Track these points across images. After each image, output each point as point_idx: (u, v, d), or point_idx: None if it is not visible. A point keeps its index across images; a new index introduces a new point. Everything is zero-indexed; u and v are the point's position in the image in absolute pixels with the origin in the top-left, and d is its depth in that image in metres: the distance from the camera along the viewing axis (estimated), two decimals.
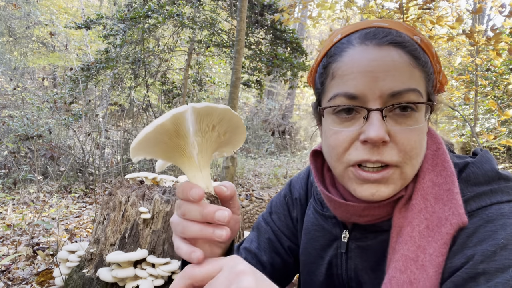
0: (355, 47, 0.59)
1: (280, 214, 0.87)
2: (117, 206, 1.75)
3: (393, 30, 0.59)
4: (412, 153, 0.57)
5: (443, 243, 0.54)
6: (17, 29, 10.44)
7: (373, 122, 0.55)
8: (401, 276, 0.55)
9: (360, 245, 0.68)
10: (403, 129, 0.56)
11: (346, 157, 0.59)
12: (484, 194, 0.57)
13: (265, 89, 12.37)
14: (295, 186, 0.87)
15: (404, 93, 0.55)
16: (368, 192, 0.58)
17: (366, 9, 4.50)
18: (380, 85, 0.55)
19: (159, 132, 0.45)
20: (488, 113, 8.19)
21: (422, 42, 0.61)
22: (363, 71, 0.56)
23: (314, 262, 0.76)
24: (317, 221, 0.77)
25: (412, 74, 0.56)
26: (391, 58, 0.56)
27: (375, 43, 0.57)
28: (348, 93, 0.57)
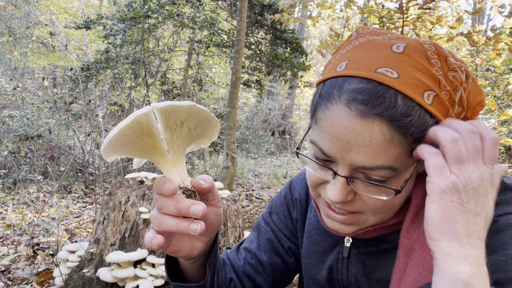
0: (339, 106, 0.53)
1: (280, 215, 0.87)
2: (117, 206, 1.75)
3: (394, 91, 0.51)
4: (377, 211, 0.57)
5: None
6: (17, 29, 10.44)
7: (336, 185, 0.56)
8: None
9: (362, 251, 0.68)
10: (371, 197, 0.55)
11: (317, 190, 0.62)
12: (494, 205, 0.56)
13: (265, 89, 12.37)
14: (295, 187, 0.87)
15: (375, 169, 0.53)
16: (332, 227, 0.62)
17: (366, 9, 4.50)
18: (352, 157, 0.53)
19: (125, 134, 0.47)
20: (488, 113, 8.19)
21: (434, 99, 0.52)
22: (338, 138, 0.53)
23: (315, 265, 0.76)
24: (319, 225, 0.77)
25: (390, 153, 0.52)
26: (370, 134, 0.51)
27: (359, 112, 0.51)
28: (322, 150, 0.57)
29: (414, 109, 0.51)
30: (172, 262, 0.67)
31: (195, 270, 0.66)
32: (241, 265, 0.83)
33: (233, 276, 0.80)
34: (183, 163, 0.53)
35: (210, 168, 8.16)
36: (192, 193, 0.53)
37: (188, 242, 0.59)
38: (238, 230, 1.92)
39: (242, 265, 0.83)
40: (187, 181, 0.53)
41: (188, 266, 0.65)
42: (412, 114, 0.51)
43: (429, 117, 0.52)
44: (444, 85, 0.53)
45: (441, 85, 0.53)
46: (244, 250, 0.86)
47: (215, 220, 0.60)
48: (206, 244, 0.62)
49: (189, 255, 0.60)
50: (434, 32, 4.27)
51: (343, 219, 0.59)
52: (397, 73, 0.52)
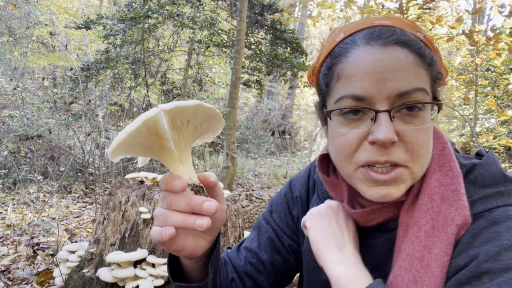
0: (360, 47, 0.58)
1: (280, 213, 0.87)
2: (117, 206, 1.75)
3: (397, 28, 0.59)
4: (420, 152, 0.57)
5: (448, 243, 0.55)
6: (17, 29, 10.44)
7: (381, 123, 0.55)
8: (406, 274, 0.56)
9: (366, 244, 0.68)
10: (411, 128, 0.56)
11: (355, 158, 0.59)
12: (491, 196, 0.57)
13: (265, 89, 12.37)
14: (295, 185, 0.88)
15: (411, 93, 0.55)
16: (378, 195, 0.58)
17: (366, 9, 4.50)
18: (387, 86, 0.55)
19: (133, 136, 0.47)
20: (488, 113, 8.19)
21: (425, 38, 0.60)
22: (370, 72, 0.56)
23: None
24: None
25: (418, 73, 0.56)
26: (397, 58, 0.55)
27: (381, 43, 0.57)
28: (355, 95, 0.57)
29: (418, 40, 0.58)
30: (175, 262, 0.66)
31: (197, 270, 0.65)
32: (242, 264, 0.83)
33: (234, 276, 0.80)
34: (189, 160, 0.53)
35: (210, 168, 8.17)
36: (200, 189, 0.53)
37: (192, 240, 0.58)
38: (238, 230, 1.92)
39: (243, 264, 0.83)
40: (195, 177, 0.53)
41: (191, 266, 0.65)
42: (420, 43, 0.58)
43: (428, 50, 0.59)
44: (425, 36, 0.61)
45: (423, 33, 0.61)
46: (245, 250, 0.86)
47: (220, 216, 0.59)
48: (209, 243, 0.61)
49: (193, 254, 0.59)
50: (434, 32, 4.27)
51: (390, 178, 0.57)
52: (391, 21, 0.61)
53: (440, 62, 0.64)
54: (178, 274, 0.68)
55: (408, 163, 0.57)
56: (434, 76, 0.59)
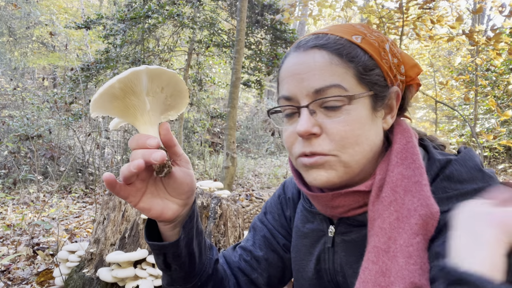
0: (290, 55, 0.67)
1: (274, 214, 0.90)
2: (117, 206, 1.75)
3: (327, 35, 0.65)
4: (343, 142, 0.61)
5: (412, 233, 0.56)
6: (17, 29, 10.44)
7: (301, 117, 0.62)
8: (374, 266, 0.57)
9: (345, 239, 0.70)
10: (332, 121, 0.61)
11: (293, 150, 0.66)
12: (468, 193, 0.58)
13: (265, 89, 12.37)
14: (288, 186, 0.91)
15: (325, 89, 0.61)
16: (311, 177, 0.64)
17: (366, 9, 4.50)
18: (305, 85, 0.62)
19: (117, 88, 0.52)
20: (488, 113, 8.19)
21: (363, 40, 0.65)
22: (292, 74, 0.64)
23: (303, 258, 0.78)
24: (306, 218, 0.80)
25: (333, 71, 0.61)
26: (313, 59, 0.62)
27: (303, 49, 0.64)
28: (284, 95, 0.65)
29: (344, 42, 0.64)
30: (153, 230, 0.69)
31: (172, 235, 0.67)
32: (236, 261, 0.85)
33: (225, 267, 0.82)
34: (157, 126, 0.58)
35: (210, 168, 8.17)
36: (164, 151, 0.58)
37: (160, 202, 0.61)
38: (238, 230, 1.92)
39: (237, 261, 0.85)
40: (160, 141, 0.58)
41: (167, 233, 0.67)
42: (343, 43, 0.63)
43: (361, 51, 0.63)
44: (369, 36, 0.66)
45: (366, 35, 0.66)
46: (240, 249, 0.88)
47: (185, 179, 0.61)
48: (181, 207, 0.63)
49: (162, 215, 0.61)
50: (434, 32, 4.27)
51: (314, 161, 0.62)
52: (328, 29, 0.67)
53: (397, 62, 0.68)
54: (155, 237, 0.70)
55: (333, 152, 0.61)
56: (359, 72, 0.63)
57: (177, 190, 0.61)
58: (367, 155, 0.64)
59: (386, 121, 0.67)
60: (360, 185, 0.64)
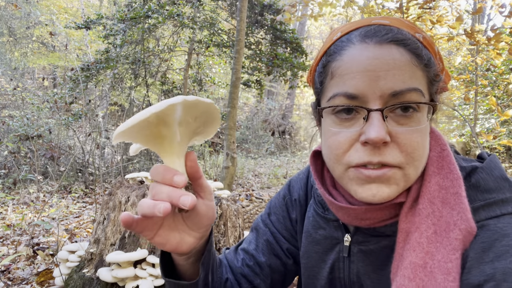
0: (355, 45, 0.57)
1: (279, 216, 0.85)
2: (117, 206, 1.75)
3: (394, 27, 0.58)
4: (414, 154, 0.55)
5: (452, 249, 0.52)
6: (17, 29, 10.44)
7: (373, 122, 0.54)
8: (410, 283, 0.53)
9: (363, 249, 0.66)
10: (405, 129, 0.55)
11: (346, 158, 0.57)
12: (494, 204, 0.55)
13: (265, 89, 12.37)
14: (294, 187, 0.86)
15: (405, 93, 0.54)
16: (369, 193, 0.56)
17: (366, 9, 4.50)
18: (381, 85, 0.54)
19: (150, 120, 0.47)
20: (488, 113, 8.18)
21: (424, 39, 0.59)
22: (363, 70, 0.55)
23: (315, 265, 0.75)
24: (318, 224, 0.75)
25: (413, 73, 0.55)
26: (392, 56, 0.54)
27: (376, 41, 0.56)
28: (348, 93, 0.56)
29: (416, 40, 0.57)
30: (167, 259, 0.65)
31: (188, 268, 0.64)
32: (239, 266, 0.82)
33: (229, 277, 0.79)
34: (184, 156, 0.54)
35: (210, 168, 8.16)
36: (189, 185, 0.54)
37: (177, 235, 0.56)
38: (238, 230, 1.92)
39: (240, 266, 0.82)
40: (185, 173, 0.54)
41: (181, 263, 0.63)
42: (418, 43, 0.57)
43: (426, 51, 0.58)
44: (425, 37, 0.60)
45: (423, 34, 0.60)
46: (242, 251, 0.84)
47: (207, 213, 0.57)
48: (198, 240, 0.59)
49: (178, 249, 0.57)
50: (434, 32, 4.27)
51: (381, 173, 0.54)
52: (390, 21, 0.59)
53: (441, 66, 0.62)
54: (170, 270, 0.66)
55: (402, 165, 0.55)
56: (431, 78, 0.58)
57: (197, 224, 0.57)
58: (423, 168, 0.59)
59: None
60: (399, 197, 0.59)
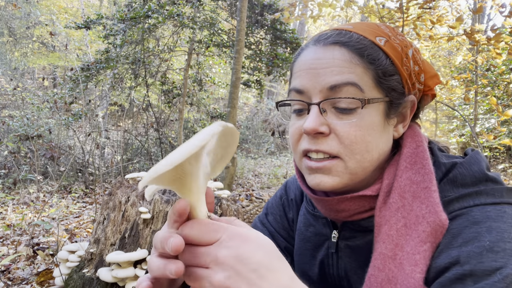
0: (309, 48, 0.64)
1: (276, 215, 0.87)
2: (117, 206, 1.75)
3: (348, 32, 0.63)
4: (353, 147, 0.59)
5: (420, 241, 0.54)
6: (17, 29, 10.44)
7: (310, 114, 0.60)
8: (380, 274, 0.55)
9: (350, 245, 0.68)
10: (343, 122, 0.59)
11: (298, 147, 0.64)
12: (468, 196, 0.56)
13: (265, 89, 12.36)
14: (290, 187, 0.88)
15: (342, 86, 0.58)
16: (314, 181, 0.62)
17: (366, 9, 4.49)
18: (320, 80, 0.60)
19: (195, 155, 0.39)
20: (488, 113, 8.19)
21: (386, 43, 0.62)
22: (308, 68, 0.62)
23: (307, 262, 0.77)
24: (309, 222, 0.78)
25: (352, 70, 0.59)
26: (332, 56, 0.60)
27: (323, 44, 0.62)
28: (296, 88, 0.63)
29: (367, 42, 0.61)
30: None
31: None
32: None
33: None
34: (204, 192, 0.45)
35: None
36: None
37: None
38: None
39: None
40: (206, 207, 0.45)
41: None
42: (365, 44, 0.61)
43: (383, 54, 0.61)
44: (394, 39, 0.64)
45: (391, 37, 0.63)
46: None
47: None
48: None
49: None
50: (435, 32, 4.27)
51: (321, 165, 0.60)
52: (352, 26, 0.64)
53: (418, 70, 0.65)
54: None
55: (341, 155, 0.59)
56: (379, 75, 0.61)
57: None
58: (374, 163, 0.62)
59: (397, 130, 0.66)
60: (367, 190, 0.62)
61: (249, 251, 0.39)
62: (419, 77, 0.66)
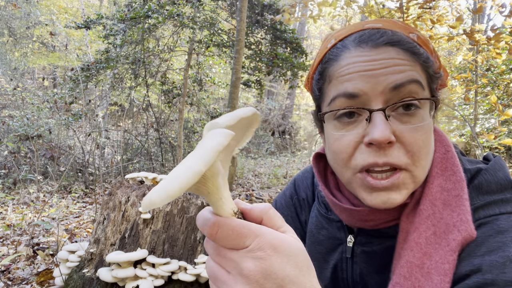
0: (350, 50, 0.58)
1: (287, 216, 0.84)
2: (117, 206, 1.75)
3: (387, 30, 0.59)
4: (420, 153, 0.55)
5: (449, 250, 0.52)
6: (17, 29, 10.44)
7: (376, 122, 0.53)
8: (405, 282, 0.53)
9: (366, 250, 0.66)
10: (409, 127, 0.54)
11: (353, 162, 0.57)
12: (494, 203, 0.55)
13: (265, 89, 12.36)
14: (300, 186, 0.85)
15: (406, 85, 0.54)
16: (379, 201, 0.56)
17: (366, 9, 4.49)
18: (381, 80, 0.54)
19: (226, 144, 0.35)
20: (488, 113, 8.18)
21: (419, 39, 0.60)
22: (362, 71, 0.55)
23: (318, 266, 0.75)
24: (321, 224, 0.75)
25: (413, 68, 0.56)
26: (390, 56, 0.55)
27: (371, 45, 0.56)
28: (348, 92, 0.56)
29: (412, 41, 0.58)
30: None
31: None
32: None
33: None
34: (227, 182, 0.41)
35: None
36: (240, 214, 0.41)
37: None
38: None
39: None
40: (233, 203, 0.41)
41: None
42: (413, 43, 0.58)
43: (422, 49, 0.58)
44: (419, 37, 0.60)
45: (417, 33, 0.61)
46: None
47: None
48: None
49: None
50: (435, 32, 4.27)
51: (390, 184, 0.55)
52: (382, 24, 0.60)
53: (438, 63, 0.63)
54: None
55: (408, 166, 0.55)
56: (431, 74, 0.58)
57: None
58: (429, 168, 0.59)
59: None
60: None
61: (277, 264, 0.35)
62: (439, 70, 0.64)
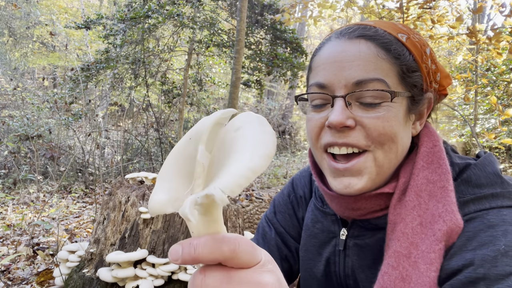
0: (331, 41, 0.63)
1: (285, 214, 0.86)
2: (117, 206, 1.75)
3: (374, 27, 0.62)
4: (380, 139, 0.58)
5: (435, 240, 0.54)
6: (17, 29, 10.43)
7: (335, 108, 0.59)
8: (393, 272, 0.55)
9: (358, 243, 0.68)
10: (369, 115, 0.58)
11: (319, 142, 0.63)
12: (484, 198, 0.56)
13: (265, 89, 12.36)
14: (298, 185, 0.87)
15: (367, 82, 0.58)
16: (341, 185, 0.60)
17: (366, 9, 4.49)
18: (345, 74, 0.58)
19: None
20: (488, 113, 8.19)
21: (407, 40, 0.62)
22: (332, 61, 0.60)
23: (312, 258, 0.76)
24: (317, 218, 0.77)
25: (378, 65, 0.59)
26: (358, 49, 0.59)
27: (347, 37, 0.61)
28: (319, 82, 0.62)
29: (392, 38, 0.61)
30: None
31: None
32: None
33: None
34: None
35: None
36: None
37: None
38: (238, 230, 1.92)
39: None
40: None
41: None
42: (390, 39, 0.60)
43: (406, 50, 0.61)
44: (413, 36, 0.63)
45: (410, 35, 0.63)
46: None
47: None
48: None
49: None
50: (435, 32, 4.27)
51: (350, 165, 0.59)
52: (373, 23, 0.63)
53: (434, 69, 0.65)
54: None
55: (368, 148, 0.58)
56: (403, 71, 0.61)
57: None
58: (398, 156, 0.62)
59: (415, 127, 0.66)
60: (384, 187, 0.62)
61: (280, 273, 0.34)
62: (436, 76, 0.66)
